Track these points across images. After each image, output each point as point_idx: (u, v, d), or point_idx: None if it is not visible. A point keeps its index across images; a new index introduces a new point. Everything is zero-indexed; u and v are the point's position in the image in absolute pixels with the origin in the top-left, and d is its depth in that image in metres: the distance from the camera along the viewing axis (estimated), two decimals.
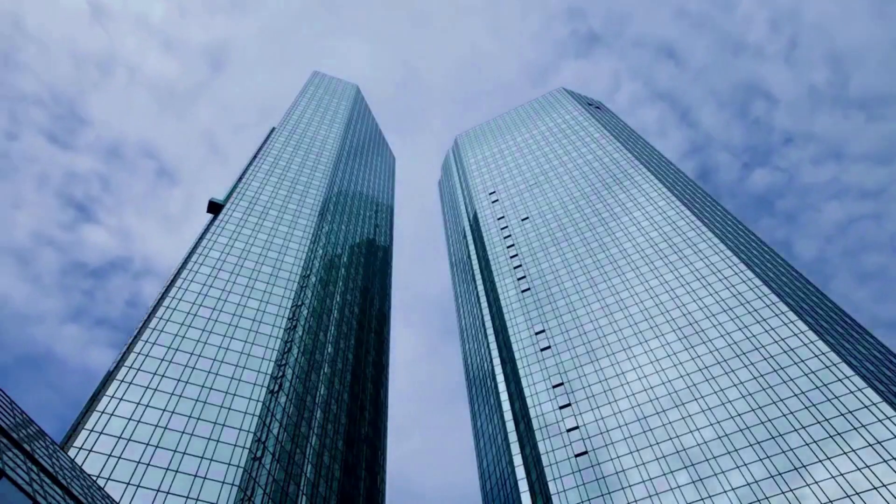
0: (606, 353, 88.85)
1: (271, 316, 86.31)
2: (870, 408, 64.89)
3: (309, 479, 74.26)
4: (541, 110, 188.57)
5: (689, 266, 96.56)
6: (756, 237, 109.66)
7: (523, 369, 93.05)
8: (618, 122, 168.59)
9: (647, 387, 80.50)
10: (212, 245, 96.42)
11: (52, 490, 27.50)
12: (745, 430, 69.33)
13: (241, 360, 76.61)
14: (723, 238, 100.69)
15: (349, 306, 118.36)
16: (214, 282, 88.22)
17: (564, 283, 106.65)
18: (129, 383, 67.22)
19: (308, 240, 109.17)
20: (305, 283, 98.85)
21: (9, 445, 26.48)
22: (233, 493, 59.69)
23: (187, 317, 79.94)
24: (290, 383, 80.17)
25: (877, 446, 61.29)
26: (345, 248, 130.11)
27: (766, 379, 73.58)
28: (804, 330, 77.10)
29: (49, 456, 32.21)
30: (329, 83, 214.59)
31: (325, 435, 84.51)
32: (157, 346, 73.57)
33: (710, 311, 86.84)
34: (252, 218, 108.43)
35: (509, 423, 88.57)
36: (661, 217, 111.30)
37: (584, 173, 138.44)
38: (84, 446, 58.30)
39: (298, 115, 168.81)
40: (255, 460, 65.18)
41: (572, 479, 73.42)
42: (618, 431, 76.66)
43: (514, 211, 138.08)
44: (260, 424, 69.23)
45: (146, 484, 57.40)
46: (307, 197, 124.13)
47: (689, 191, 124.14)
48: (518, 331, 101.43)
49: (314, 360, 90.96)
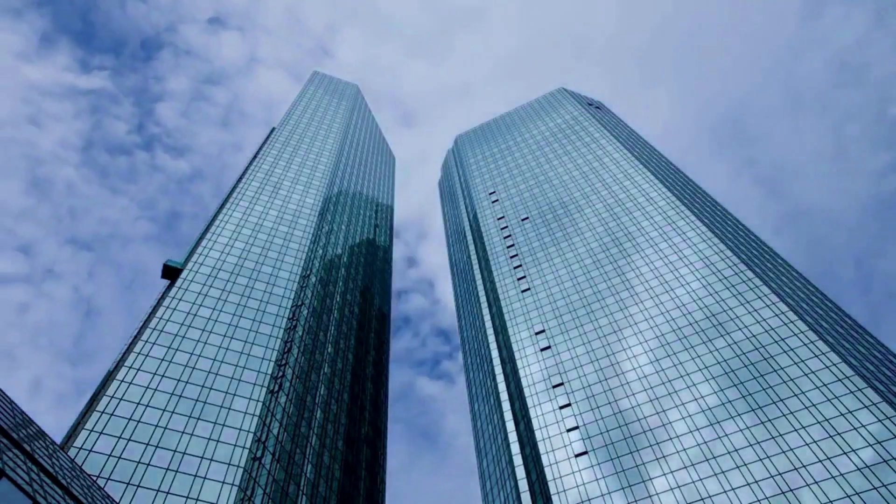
0: (606, 353, 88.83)
1: (271, 316, 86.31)
2: (869, 408, 64.90)
3: (309, 479, 74.27)
4: (541, 110, 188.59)
5: (689, 266, 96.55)
6: (755, 237, 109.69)
7: (523, 369, 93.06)
8: (617, 122, 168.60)
9: (646, 387, 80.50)
10: (212, 245, 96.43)
11: (52, 490, 27.50)
12: (744, 430, 69.33)
13: (241, 360, 76.61)
14: (722, 238, 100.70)
15: (349, 306, 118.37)
16: (214, 282, 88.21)
17: (564, 283, 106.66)
18: (129, 383, 67.22)
19: (308, 240, 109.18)
20: (305, 283, 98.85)
21: (9, 445, 26.48)
22: (233, 493, 59.71)
23: (187, 317, 79.95)
24: (290, 383, 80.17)
25: (876, 446, 61.30)
26: (345, 248, 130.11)
27: (766, 379, 73.58)
28: (804, 330, 77.11)
29: (49, 456, 32.20)
30: (329, 83, 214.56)
31: (325, 435, 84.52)
32: (157, 346, 73.57)
33: (710, 311, 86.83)
34: (252, 218, 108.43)
35: (509, 423, 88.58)
36: (661, 217, 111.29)
37: (584, 173, 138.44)
38: (84, 446, 58.31)
39: (298, 115, 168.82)
40: (255, 460, 65.18)
41: (572, 479, 73.43)
42: (618, 431, 76.67)
43: (514, 211, 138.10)
44: (260, 424, 69.24)
45: (146, 484, 57.41)
46: (307, 197, 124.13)
47: (689, 191, 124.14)
48: (518, 331, 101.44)
49: (314, 360, 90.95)
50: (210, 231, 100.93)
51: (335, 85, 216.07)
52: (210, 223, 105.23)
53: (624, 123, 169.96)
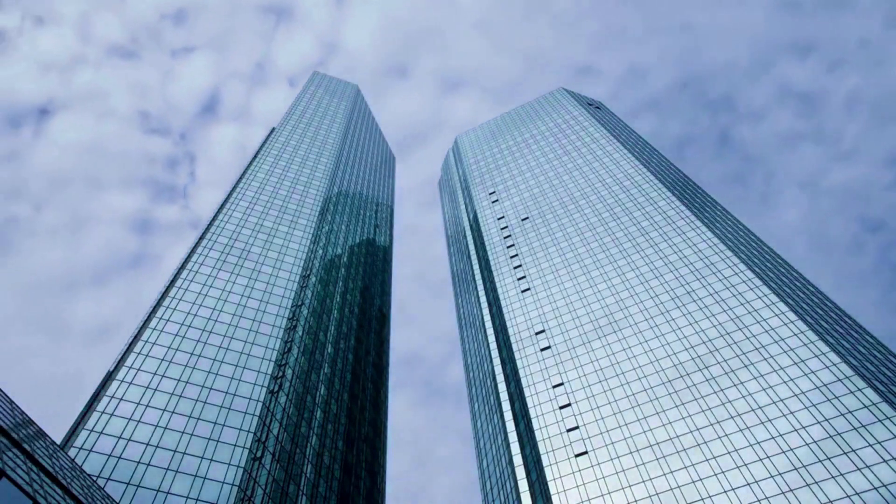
0: (606, 352, 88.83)
1: (271, 316, 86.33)
2: (870, 408, 64.92)
3: (309, 479, 74.27)
4: (540, 110, 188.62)
5: (689, 266, 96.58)
6: (753, 234, 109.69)
7: (523, 369, 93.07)
8: (617, 122, 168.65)
9: (647, 387, 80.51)
10: (212, 245, 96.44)
11: (52, 490, 27.51)
12: (744, 430, 69.35)
13: (241, 360, 76.62)
14: (722, 238, 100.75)
15: (349, 306, 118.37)
16: (214, 282, 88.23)
17: (564, 283, 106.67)
18: (129, 383, 67.24)
19: (308, 240, 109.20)
20: (305, 283, 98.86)
21: (9, 445, 26.49)
22: (233, 493, 59.71)
23: (187, 317, 79.96)
24: (290, 383, 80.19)
25: (877, 446, 61.31)
26: (345, 247, 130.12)
27: (765, 379, 73.60)
28: (804, 330, 77.13)
29: (49, 456, 32.21)
30: (329, 83, 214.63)
31: (325, 435, 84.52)
32: (157, 346, 73.59)
33: (711, 311, 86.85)
34: (252, 218, 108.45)
35: (509, 423, 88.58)
36: (661, 218, 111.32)
37: (583, 173, 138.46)
38: (84, 446, 58.32)
39: (298, 115, 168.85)
40: (255, 460, 65.19)
41: (572, 479, 73.43)
42: (618, 431, 76.67)
43: (514, 211, 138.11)
44: (260, 424, 69.25)
45: (146, 484, 57.42)
46: (307, 197, 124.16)
47: (689, 191, 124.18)
48: (518, 331, 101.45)
49: (314, 360, 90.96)
50: (210, 231, 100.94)
51: (335, 85, 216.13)
52: (210, 223, 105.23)
53: (624, 123, 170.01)
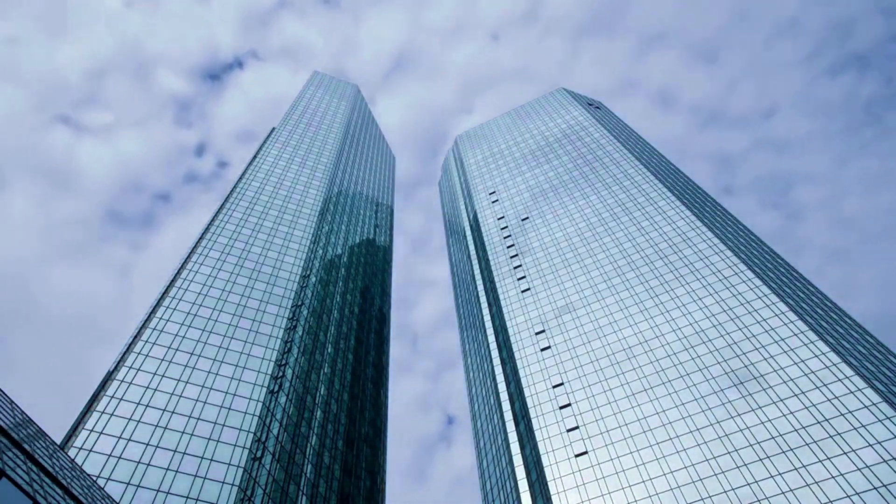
0: (606, 352, 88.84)
1: (271, 316, 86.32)
2: (870, 408, 64.91)
3: (309, 479, 74.27)
4: (540, 110, 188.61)
5: (688, 266, 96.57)
6: (755, 236, 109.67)
7: (523, 369, 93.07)
8: (617, 122, 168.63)
9: (647, 387, 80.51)
10: (212, 245, 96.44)
11: (52, 490, 27.51)
12: (744, 430, 69.35)
13: (241, 360, 76.62)
14: (722, 238, 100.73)
15: (349, 306, 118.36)
16: (214, 282, 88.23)
17: (564, 284, 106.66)
18: (129, 383, 67.23)
19: (308, 240, 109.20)
20: (305, 283, 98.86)
21: (9, 445, 26.48)
22: (233, 493, 59.72)
23: (187, 317, 79.96)
24: (290, 383, 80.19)
25: (877, 446, 61.31)
26: (345, 248, 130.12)
27: (766, 379, 73.60)
28: (804, 330, 77.13)
29: (49, 456, 32.20)
30: (329, 83, 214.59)
31: (325, 435, 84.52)
32: (157, 346, 73.59)
33: (710, 311, 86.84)
34: (252, 218, 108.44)
35: (509, 423, 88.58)
36: (661, 218, 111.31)
37: (583, 173, 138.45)
38: (84, 446, 58.32)
39: (298, 115, 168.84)
40: (255, 460, 65.19)
41: (572, 479, 73.43)
42: (618, 431, 76.67)
43: (514, 211, 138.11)
44: (260, 424, 69.26)
45: (146, 484, 57.42)
46: (307, 197, 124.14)
47: (689, 191, 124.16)
48: (518, 331, 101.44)
49: (314, 360, 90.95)
50: (210, 231, 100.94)
51: (335, 85, 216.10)
52: (210, 223, 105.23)
53: (624, 123, 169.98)
